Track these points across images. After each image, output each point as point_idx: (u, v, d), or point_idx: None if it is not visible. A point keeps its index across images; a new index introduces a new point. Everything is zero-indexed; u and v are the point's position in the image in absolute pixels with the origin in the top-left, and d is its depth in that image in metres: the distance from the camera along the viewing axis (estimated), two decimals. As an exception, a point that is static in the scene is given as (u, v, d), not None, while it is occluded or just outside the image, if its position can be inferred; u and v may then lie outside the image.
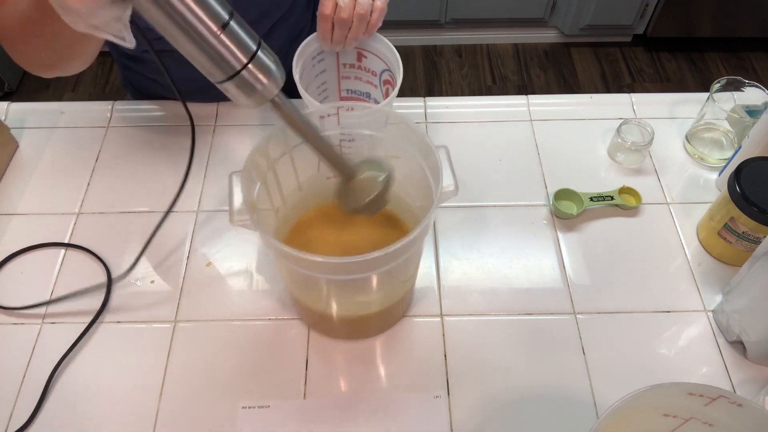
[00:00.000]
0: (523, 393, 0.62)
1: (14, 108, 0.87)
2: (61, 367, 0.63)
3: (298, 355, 0.64)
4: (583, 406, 0.61)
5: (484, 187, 0.78)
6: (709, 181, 0.79)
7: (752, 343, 0.62)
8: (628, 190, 0.76)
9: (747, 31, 2.09)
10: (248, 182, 0.53)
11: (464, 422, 0.60)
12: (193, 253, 0.72)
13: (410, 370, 0.64)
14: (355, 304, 0.61)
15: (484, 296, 0.68)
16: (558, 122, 0.85)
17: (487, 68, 2.15)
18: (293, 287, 0.62)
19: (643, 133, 0.78)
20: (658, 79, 2.11)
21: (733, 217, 0.66)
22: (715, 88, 0.77)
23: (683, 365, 0.63)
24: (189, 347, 0.65)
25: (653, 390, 0.44)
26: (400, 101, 0.92)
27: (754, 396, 0.61)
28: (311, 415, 0.60)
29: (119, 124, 0.85)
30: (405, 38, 2.19)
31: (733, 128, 0.80)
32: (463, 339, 0.65)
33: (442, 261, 0.71)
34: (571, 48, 2.20)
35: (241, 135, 0.83)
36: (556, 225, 0.74)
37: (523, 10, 2.08)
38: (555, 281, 0.69)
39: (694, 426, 0.48)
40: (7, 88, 2.00)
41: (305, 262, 0.50)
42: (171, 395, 0.62)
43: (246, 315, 0.67)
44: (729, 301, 0.64)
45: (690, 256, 0.72)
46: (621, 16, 2.06)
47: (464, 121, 0.85)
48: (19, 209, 0.76)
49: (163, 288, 0.69)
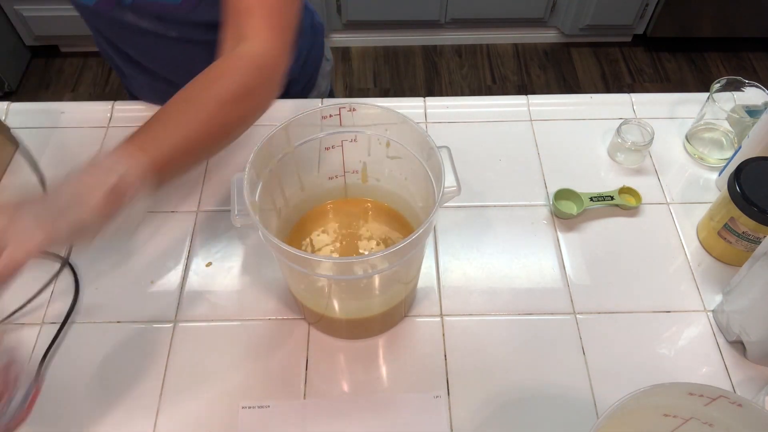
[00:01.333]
0: (523, 393, 0.62)
1: (14, 108, 0.87)
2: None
3: (298, 355, 0.64)
4: (583, 406, 0.61)
5: (484, 187, 0.78)
6: (709, 181, 0.79)
7: (752, 343, 0.62)
8: (628, 190, 0.76)
9: (747, 31, 2.09)
10: (250, 182, 0.53)
11: (464, 422, 0.60)
12: (193, 253, 0.72)
13: (410, 370, 0.64)
14: (357, 306, 0.61)
15: (484, 296, 0.68)
16: (558, 122, 0.85)
17: (487, 68, 2.15)
18: (295, 288, 0.62)
19: (643, 133, 0.78)
20: (658, 79, 2.11)
21: (733, 217, 0.66)
22: (715, 88, 0.77)
23: (683, 365, 0.64)
24: (189, 347, 0.65)
25: (653, 390, 0.44)
26: (400, 101, 0.92)
27: (754, 396, 0.61)
28: (311, 415, 0.60)
29: (119, 124, 0.85)
30: (405, 38, 2.19)
31: (733, 128, 0.80)
32: (463, 339, 0.65)
33: (442, 261, 0.71)
34: (571, 48, 2.21)
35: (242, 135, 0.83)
36: (556, 225, 0.74)
37: (523, 10, 2.08)
38: (555, 281, 0.70)
39: (694, 426, 0.48)
40: (7, 88, 2.00)
41: (307, 262, 0.50)
42: (171, 395, 0.62)
43: (246, 315, 0.67)
44: (729, 301, 0.64)
45: (690, 256, 0.72)
46: (621, 16, 2.06)
47: (464, 121, 0.85)
48: (20, 209, 0.76)
49: (163, 288, 0.69)
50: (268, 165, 0.58)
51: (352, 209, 0.69)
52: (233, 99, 0.55)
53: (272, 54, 0.59)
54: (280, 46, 0.60)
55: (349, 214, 0.69)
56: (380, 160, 0.63)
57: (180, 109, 0.54)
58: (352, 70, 2.15)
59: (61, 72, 2.11)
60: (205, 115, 0.54)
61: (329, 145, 0.62)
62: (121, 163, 0.48)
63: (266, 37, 0.58)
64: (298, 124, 0.58)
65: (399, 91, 2.08)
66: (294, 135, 0.59)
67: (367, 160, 0.64)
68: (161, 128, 0.52)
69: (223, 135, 0.57)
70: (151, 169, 0.49)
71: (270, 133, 0.56)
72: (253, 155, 0.54)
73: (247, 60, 0.57)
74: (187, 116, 0.53)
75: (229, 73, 0.56)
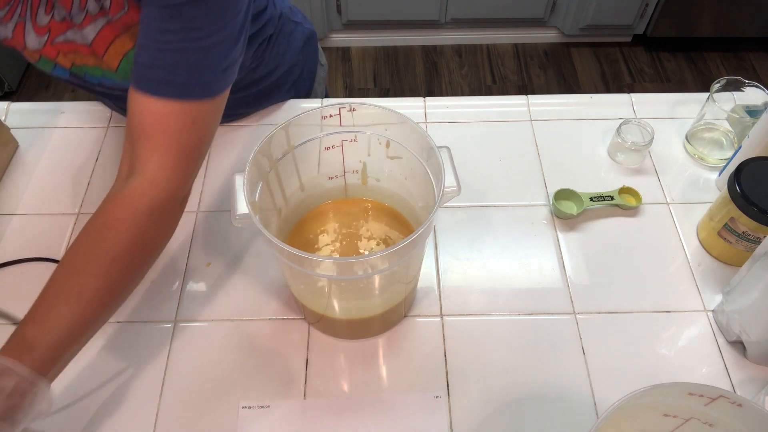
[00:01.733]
0: (523, 393, 0.62)
1: (14, 108, 0.87)
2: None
3: (298, 355, 0.64)
4: (583, 406, 0.61)
5: (484, 187, 0.78)
6: (709, 181, 0.79)
7: (752, 343, 0.62)
8: (628, 190, 0.76)
9: (747, 31, 2.09)
10: (251, 182, 0.53)
11: (464, 422, 0.60)
12: (193, 253, 0.72)
13: (410, 370, 0.64)
14: (357, 306, 0.61)
15: (484, 296, 0.68)
16: (558, 122, 0.85)
17: (487, 68, 2.15)
18: (295, 288, 0.62)
19: (643, 133, 0.78)
20: (658, 79, 2.11)
21: (733, 217, 0.66)
22: (715, 88, 0.77)
23: (683, 365, 0.64)
24: (189, 347, 0.65)
25: (653, 390, 0.44)
26: (400, 101, 0.92)
27: (754, 396, 0.61)
28: (311, 415, 0.60)
29: (119, 124, 0.85)
30: (405, 38, 2.19)
31: (733, 128, 0.80)
32: (463, 339, 0.65)
33: (442, 261, 0.71)
34: (571, 48, 2.21)
35: (241, 135, 0.83)
36: (556, 225, 0.74)
37: (523, 10, 2.08)
38: (555, 281, 0.70)
39: (694, 426, 0.48)
40: (7, 88, 1.99)
41: (307, 262, 0.50)
42: (171, 395, 0.62)
43: (246, 315, 0.67)
44: (729, 301, 0.64)
45: (690, 256, 0.72)
46: (621, 16, 2.06)
47: (464, 121, 0.85)
48: (19, 209, 0.76)
49: (163, 288, 0.69)
50: (268, 165, 0.58)
51: (352, 209, 0.69)
52: (124, 254, 0.51)
53: (167, 186, 0.54)
54: (178, 174, 0.54)
55: (349, 214, 0.69)
56: (380, 160, 0.63)
57: (67, 282, 0.50)
58: (352, 70, 2.15)
59: (61, 72, 2.11)
60: (94, 282, 0.50)
61: (329, 145, 0.62)
62: (10, 367, 0.46)
63: (161, 165, 0.53)
64: (298, 124, 0.58)
65: (399, 91, 2.08)
66: (294, 135, 0.59)
67: (367, 160, 0.64)
68: (48, 313, 0.49)
69: (116, 296, 0.53)
70: (43, 367, 0.47)
71: (270, 133, 0.56)
72: (253, 155, 0.54)
73: (137, 201, 0.52)
74: (75, 289, 0.50)
75: (118, 225, 0.52)
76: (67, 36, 0.62)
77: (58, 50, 0.64)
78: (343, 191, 0.69)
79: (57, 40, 0.63)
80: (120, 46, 0.61)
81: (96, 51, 0.62)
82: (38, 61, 0.67)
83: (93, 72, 0.66)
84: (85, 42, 0.62)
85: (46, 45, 0.64)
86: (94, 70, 0.66)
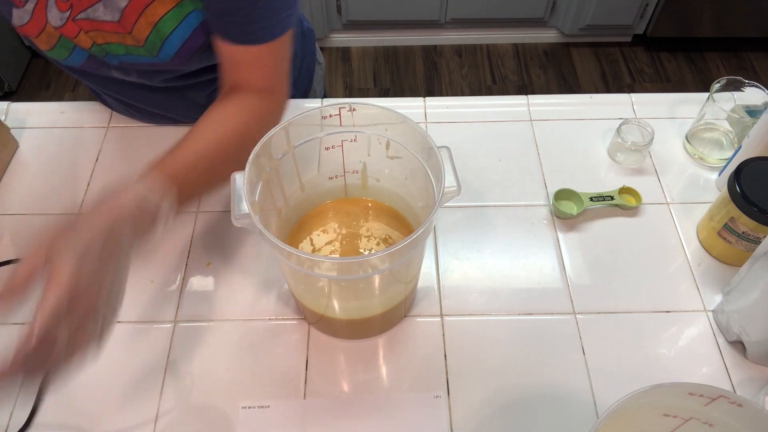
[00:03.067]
0: (523, 393, 0.62)
1: (14, 108, 0.87)
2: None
3: (298, 355, 0.64)
4: (583, 406, 0.61)
5: (484, 187, 0.78)
6: (709, 181, 0.79)
7: (752, 343, 0.62)
8: (628, 190, 0.76)
9: (747, 31, 2.09)
10: (251, 182, 0.53)
11: (464, 422, 0.60)
12: (193, 253, 0.72)
13: (410, 370, 0.64)
14: (357, 306, 0.61)
15: (484, 296, 0.68)
16: (558, 122, 0.85)
17: (487, 68, 2.15)
18: (295, 288, 0.62)
19: (643, 133, 0.78)
20: (658, 79, 2.11)
21: (733, 217, 0.66)
22: (715, 88, 0.77)
23: (683, 365, 0.64)
24: (189, 347, 0.65)
25: (653, 390, 0.44)
26: (400, 101, 0.92)
27: (754, 396, 0.61)
28: (311, 415, 0.60)
29: (119, 124, 0.85)
30: (405, 38, 2.19)
31: (733, 128, 0.80)
32: (463, 339, 0.65)
33: (442, 261, 0.71)
34: (571, 48, 2.21)
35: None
36: (556, 225, 0.74)
37: (523, 10, 2.08)
38: (555, 281, 0.70)
39: (694, 426, 0.48)
40: (7, 88, 2.00)
41: (307, 262, 0.50)
42: (171, 395, 0.62)
43: (246, 315, 0.67)
44: (729, 301, 0.64)
45: (690, 256, 0.72)
46: (621, 16, 2.06)
47: (464, 121, 0.85)
48: (19, 209, 0.76)
49: (163, 288, 0.69)
50: (268, 165, 0.58)
51: (352, 209, 0.69)
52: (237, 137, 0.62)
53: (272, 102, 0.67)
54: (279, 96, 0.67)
55: (349, 214, 0.69)
56: (380, 160, 0.63)
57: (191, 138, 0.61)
58: (352, 70, 2.15)
59: (61, 72, 2.11)
60: (213, 143, 0.61)
61: (329, 145, 0.62)
62: (145, 183, 0.53)
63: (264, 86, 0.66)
64: (298, 124, 0.58)
65: (399, 91, 2.08)
66: (294, 135, 0.59)
67: (367, 160, 0.64)
68: (175, 155, 0.59)
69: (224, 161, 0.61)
70: (171, 184, 0.55)
71: (270, 133, 0.56)
72: (253, 155, 0.54)
73: (248, 108, 0.64)
74: (198, 145, 0.60)
75: (234, 118, 0.63)
76: (89, 13, 0.64)
77: (79, 28, 0.65)
78: (343, 191, 0.69)
79: (79, 17, 0.64)
80: (151, 15, 0.63)
81: (125, 24, 0.64)
82: (56, 45, 0.67)
83: (116, 50, 0.67)
84: (112, 17, 0.63)
85: (67, 22, 0.64)
86: (117, 48, 0.67)
